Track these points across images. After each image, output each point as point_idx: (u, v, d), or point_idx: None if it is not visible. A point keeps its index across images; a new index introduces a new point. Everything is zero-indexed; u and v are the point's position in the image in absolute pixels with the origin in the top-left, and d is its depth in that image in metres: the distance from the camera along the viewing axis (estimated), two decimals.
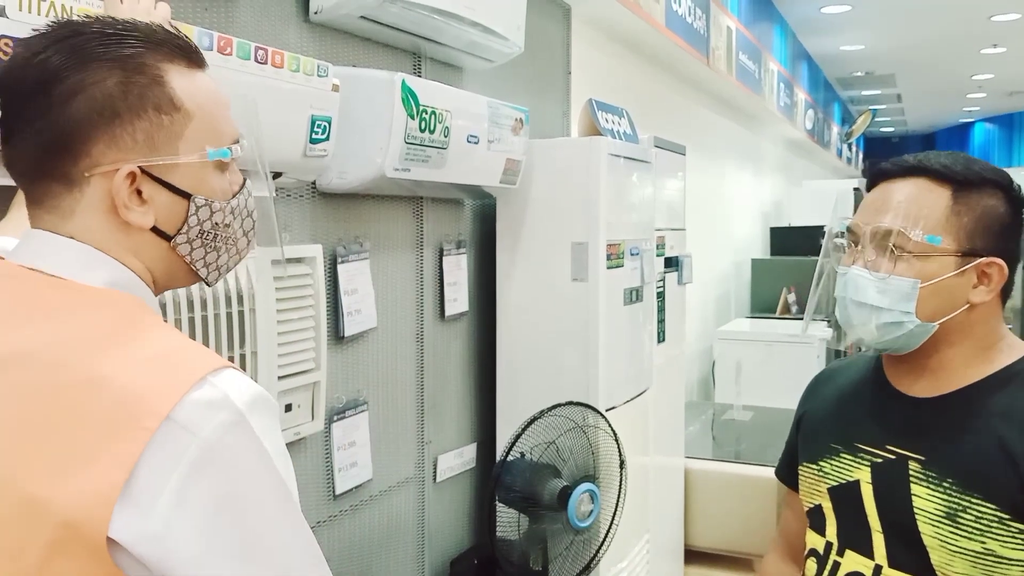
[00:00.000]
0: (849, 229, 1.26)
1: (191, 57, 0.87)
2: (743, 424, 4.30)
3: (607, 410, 2.40)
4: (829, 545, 1.31)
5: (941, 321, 1.19)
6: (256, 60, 1.48)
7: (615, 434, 2.15)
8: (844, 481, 1.28)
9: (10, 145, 0.81)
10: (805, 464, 1.37)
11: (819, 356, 5.14)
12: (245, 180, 0.94)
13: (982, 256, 1.18)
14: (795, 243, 6.95)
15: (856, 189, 8.19)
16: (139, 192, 0.83)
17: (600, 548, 2.13)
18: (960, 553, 1.13)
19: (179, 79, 0.84)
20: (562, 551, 2.08)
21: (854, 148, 14.15)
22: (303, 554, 0.79)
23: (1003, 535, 1.11)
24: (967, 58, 9.67)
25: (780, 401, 4.75)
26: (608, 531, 2.15)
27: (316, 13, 1.84)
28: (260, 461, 0.76)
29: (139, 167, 0.81)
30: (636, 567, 2.74)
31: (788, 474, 1.45)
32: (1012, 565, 1.11)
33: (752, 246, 7.44)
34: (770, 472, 3.64)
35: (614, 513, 2.16)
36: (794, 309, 6.15)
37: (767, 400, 4.68)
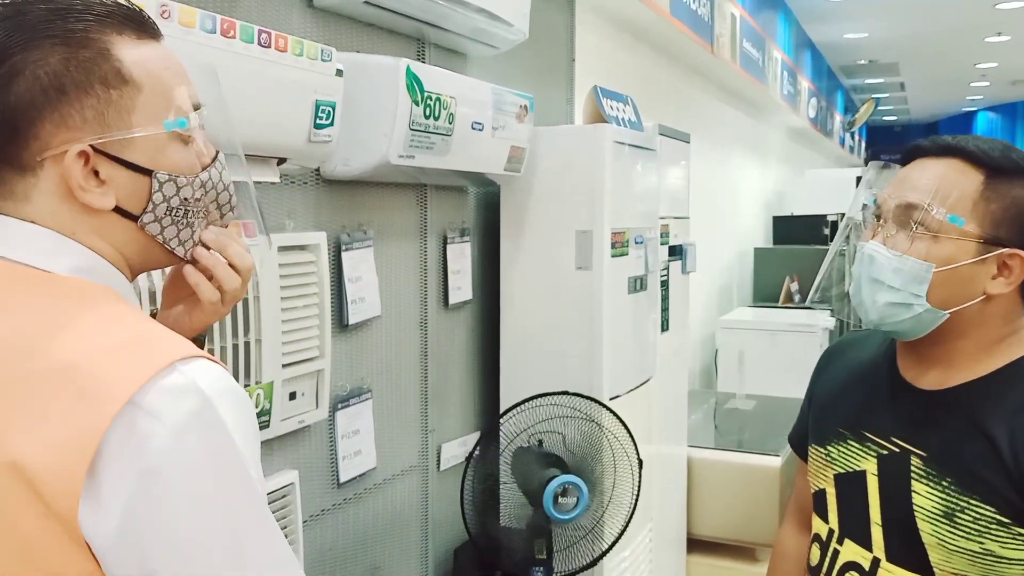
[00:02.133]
0: (875, 202, 1.22)
1: (142, 27, 0.83)
2: (746, 413, 4.30)
3: (611, 399, 2.40)
4: (831, 532, 1.29)
5: (953, 310, 1.14)
6: (259, 44, 1.46)
7: (627, 428, 2.13)
8: (851, 470, 1.25)
9: None
10: (814, 446, 1.35)
11: (822, 345, 5.14)
12: (217, 153, 0.90)
13: (1006, 247, 1.12)
14: (798, 232, 6.93)
15: (859, 178, 8.18)
16: (96, 173, 0.79)
17: (610, 547, 2.12)
18: (958, 552, 1.11)
19: (127, 50, 0.80)
20: (569, 544, 2.07)
21: (857, 137, 14.12)
22: (268, 555, 0.75)
23: (1002, 536, 1.09)
24: (971, 46, 9.62)
25: (783, 390, 4.75)
26: (622, 531, 2.13)
27: None
28: (230, 454, 0.73)
29: (91, 146, 0.78)
30: (639, 556, 2.74)
31: (799, 444, 1.43)
32: (1012, 564, 1.09)
33: (755, 235, 7.43)
34: (773, 461, 3.67)
35: (630, 515, 2.13)
36: (796, 298, 6.14)
37: (770, 389, 4.67)
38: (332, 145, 1.70)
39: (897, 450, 1.19)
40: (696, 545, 3.60)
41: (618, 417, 2.12)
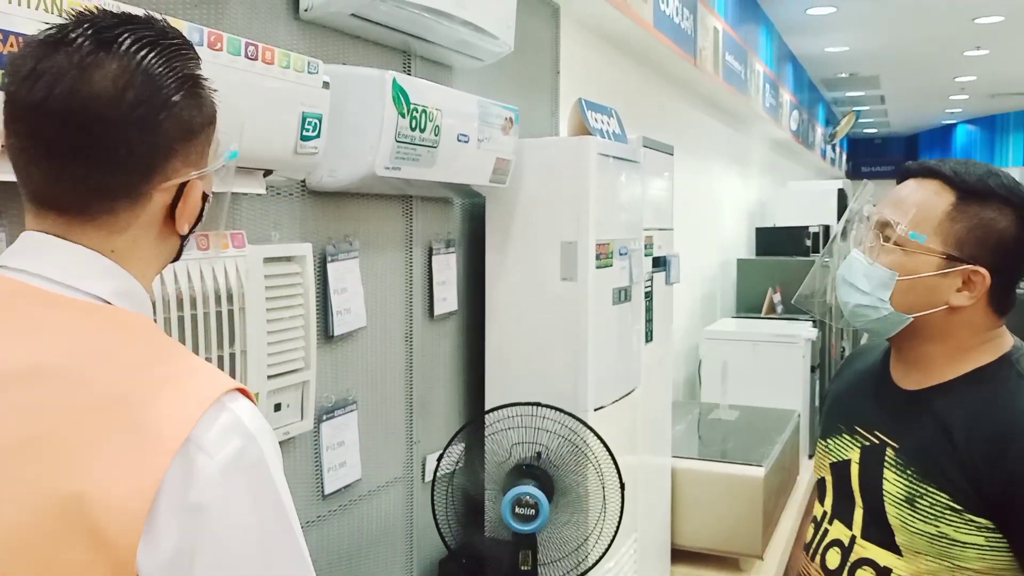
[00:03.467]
0: (868, 216, 1.36)
1: None
2: (729, 423, 4.32)
3: (596, 409, 2.41)
4: (824, 514, 1.43)
5: (916, 315, 1.28)
6: (246, 56, 1.47)
7: (608, 448, 2.13)
8: (841, 459, 1.40)
9: (71, 165, 0.77)
10: (820, 440, 1.50)
11: (804, 356, 5.17)
12: None
13: (968, 264, 1.24)
14: (780, 243, 6.97)
15: (840, 190, 8.25)
16: None
17: (593, 565, 2.13)
18: (918, 534, 1.23)
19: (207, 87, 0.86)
20: (558, 557, 2.08)
21: (838, 149, 14.24)
22: None
23: (955, 521, 1.20)
24: (950, 60, 9.74)
25: (766, 400, 4.78)
26: (604, 552, 2.14)
27: (306, 10, 1.83)
28: (270, 489, 0.77)
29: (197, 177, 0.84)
30: (624, 566, 2.74)
31: None
32: (967, 548, 1.20)
33: (738, 246, 7.47)
34: (756, 471, 3.68)
35: (613, 536, 2.14)
36: (779, 309, 6.18)
37: (753, 399, 4.70)
38: (318, 157, 1.71)
39: (877, 442, 1.34)
40: (680, 556, 3.60)
41: (598, 436, 2.12)
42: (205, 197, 0.88)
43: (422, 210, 2.30)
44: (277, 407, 1.74)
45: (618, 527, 2.13)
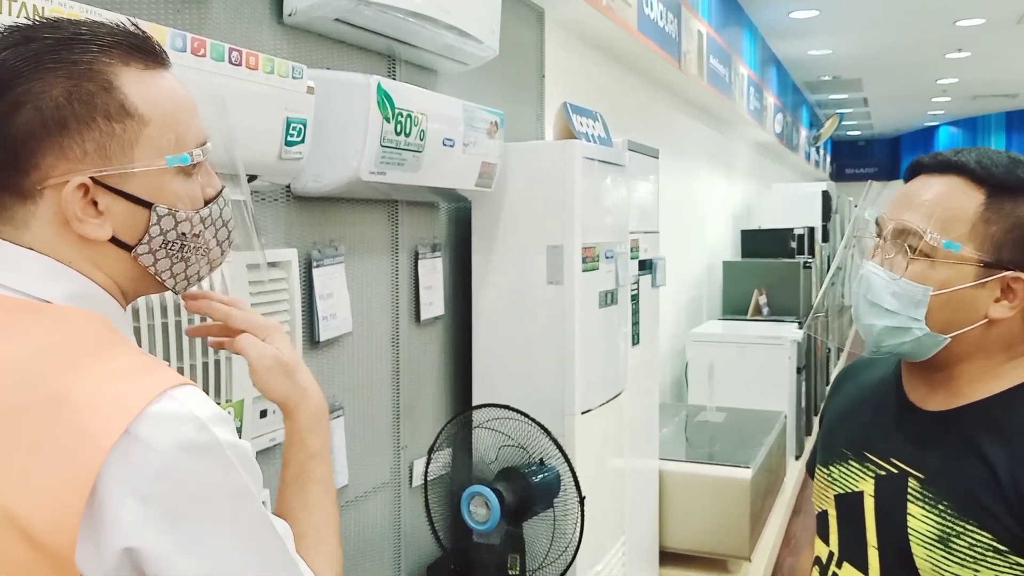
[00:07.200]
0: (876, 221, 1.18)
1: (151, 57, 0.84)
2: (716, 425, 4.33)
3: (583, 412, 2.41)
4: (831, 555, 1.25)
5: (954, 334, 1.10)
6: (230, 62, 1.46)
7: (568, 460, 2.13)
8: (850, 491, 1.22)
9: None
10: (819, 467, 1.31)
11: (790, 357, 5.19)
12: (223, 188, 0.90)
13: (1008, 269, 1.08)
14: (765, 245, 7.01)
15: (825, 192, 8.31)
16: (95, 203, 0.80)
17: (564, 571, 2.14)
18: None
19: (133, 83, 0.80)
20: (547, 563, 2.08)
21: (822, 151, 14.33)
22: (271, 564, 0.78)
23: (998, 564, 1.04)
24: (932, 63, 9.82)
25: (752, 402, 4.80)
26: (569, 563, 2.14)
27: (290, 15, 1.82)
28: (227, 473, 0.74)
29: (91, 178, 0.78)
30: (612, 569, 2.75)
31: (813, 468, 1.39)
32: None
33: (723, 248, 7.50)
34: (743, 473, 3.69)
35: (576, 548, 2.14)
36: (765, 311, 6.20)
37: (740, 401, 4.72)
38: (303, 162, 1.70)
39: (895, 471, 1.16)
40: (668, 558, 3.61)
41: (557, 443, 2.12)
42: (146, 204, 0.83)
43: (408, 215, 2.30)
44: (263, 413, 1.73)
45: (579, 542, 2.12)
